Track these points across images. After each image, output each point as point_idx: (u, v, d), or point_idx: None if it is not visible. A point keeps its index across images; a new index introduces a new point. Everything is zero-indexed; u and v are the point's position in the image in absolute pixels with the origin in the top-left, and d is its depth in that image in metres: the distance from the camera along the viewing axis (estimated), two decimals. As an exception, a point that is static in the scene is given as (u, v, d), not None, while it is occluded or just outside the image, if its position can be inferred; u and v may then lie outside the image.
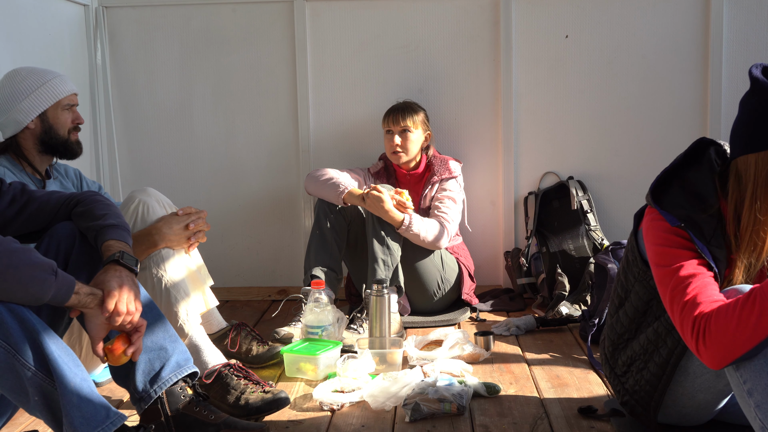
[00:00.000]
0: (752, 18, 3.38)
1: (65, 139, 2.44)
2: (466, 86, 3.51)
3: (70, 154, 2.48)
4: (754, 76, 1.63)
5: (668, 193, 1.73)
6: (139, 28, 3.57)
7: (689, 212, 1.67)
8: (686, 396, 1.80)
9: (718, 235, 1.66)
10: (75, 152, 2.49)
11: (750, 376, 1.53)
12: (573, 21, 3.45)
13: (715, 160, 1.73)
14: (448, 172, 3.21)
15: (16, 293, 1.61)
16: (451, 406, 2.10)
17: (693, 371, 1.76)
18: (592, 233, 3.35)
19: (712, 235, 1.65)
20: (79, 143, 2.51)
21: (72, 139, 2.47)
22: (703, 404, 1.80)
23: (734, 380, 1.58)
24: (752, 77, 1.63)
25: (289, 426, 2.10)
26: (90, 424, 1.63)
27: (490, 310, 3.28)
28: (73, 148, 2.48)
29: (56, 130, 2.42)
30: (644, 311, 1.86)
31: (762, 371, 1.51)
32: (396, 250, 2.99)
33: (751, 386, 1.53)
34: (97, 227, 1.86)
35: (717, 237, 1.66)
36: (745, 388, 1.55)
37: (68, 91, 2.44)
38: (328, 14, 3.51)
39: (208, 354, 2.28)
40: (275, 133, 3.60)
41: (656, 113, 3.46)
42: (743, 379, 1.54)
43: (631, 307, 1.88)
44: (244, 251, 3.67)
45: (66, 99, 2.44)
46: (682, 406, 1.83)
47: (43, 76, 2.41)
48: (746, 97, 1.66)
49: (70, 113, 2.46)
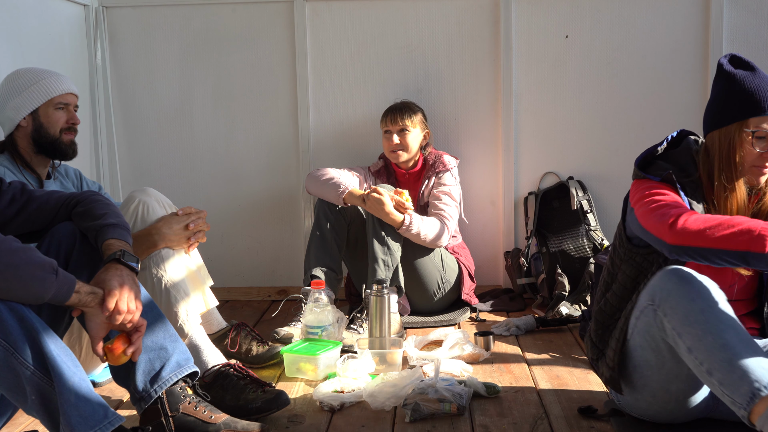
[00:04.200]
0: (752, 18, 3.38)
1: (56, 139, 2.39)
2: (466, 86, 3.51)
3: (60, 154, 2.42)
4: (720, 62, 1.91)
5: (652, 166, 1.94)
6: (139, 28, 3.57)
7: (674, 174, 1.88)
8: (661, 390, 1.86)
9: (698, 196, 1.88)
10: (66, 153, 2.43)
11: (705, 357, 1.64)
12: (573, 21, 3.45)
13: (692, 142, 1.99)
14: (442, 165, 3.21)
15: (17, 292, 1.61)
16: (451, 406, 2.10)
17: (656, 362, 1.83)
18: (592, 233, 3.35)
19: (693, 194, 1.87)
20: (72, 145, 2.44)
21: (64, 139, 2.41)
22: (680, 395, 1.85)
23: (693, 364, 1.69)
24: (719, 64, 1.91)
25: (289, 426, 2.10)
26: (87, 423, 1.63)
27: (490, 310, 3.28)
28: (63, 148, 2.41)
29: (47, 128, 2.38)
30: (632, 288, 1.95)
31: (714, 350, 1.63)
32: (396, 250, 3.00)
33: (709, 366, 1.63)
34: (97, 227, 1.86)
35: (697, 197, 1.88)
36: (704, 368, 1.65)
37: (62, 90, 2.41)
38: (328, 14, 3.51)
39: (208, 354, 2.28)
40: (275, 133, 3.60)
41: (656, 113, 3.46)
42: (699, 360, 1.66)
43: (619, 287, 1.98)
44: (244, 251, 3.67)
45: (59, 98, 2.40)
46: (665, 402, 1.87)
47: (38, 74, 2.40)
48: (714, 80, 1.93)
49: (64, 113, 2.42)
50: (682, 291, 1.72)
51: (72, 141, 2.45)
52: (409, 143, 3.19)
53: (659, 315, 1.76)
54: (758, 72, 1.87)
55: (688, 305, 1.70)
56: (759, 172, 1.86)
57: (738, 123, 1.84)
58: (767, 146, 1.83)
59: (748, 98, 1.83)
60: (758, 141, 1.83)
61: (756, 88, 1.83)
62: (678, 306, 1.72)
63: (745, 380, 1.57)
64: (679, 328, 1.71)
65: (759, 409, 1.54)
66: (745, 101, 1.84)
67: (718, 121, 1.88)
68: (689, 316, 1.69)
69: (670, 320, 1.73)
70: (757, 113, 1.82)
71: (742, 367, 1.58)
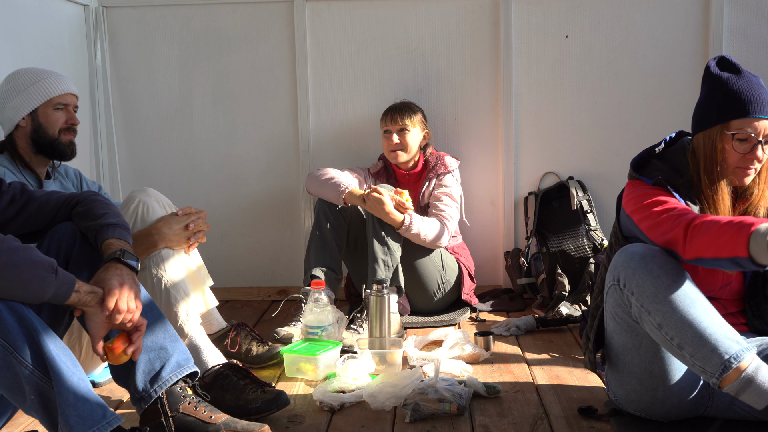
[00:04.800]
0: (752, 18, 3.38)
1: (54, 139, 2.39)
2: (466, 86, 3.51)
3: (58, 154, 2.42)
4: (707, 65, 1.93)
5: (647, 167, 1.98)
6: (139, 28, 3.57)
7: (667, 177, 1.92)
8: (645, 373, 1.89)
9: (693, 196, 1.91)
10: (64, 154, 2.42)
11: (675, 332, 1.74)
12: (573, 21, 3.45)
13: (687, 142, 2.01)
14: (444, 167, 3.21)
15: (17, 291, 1.61)
16: (451, 406, 2.10)
17: (633, 344, 1.88)
18: (592, 233, 3.35)
19: (687, 195, 1.90)
20: (71, 145, 2.43)
21: (62, 139, 2.41)
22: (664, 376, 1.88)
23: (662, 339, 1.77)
24: (706, 66, 1.94)
25: (289, 426, 2.09)
26: (86, 423, 1.63)
27: (490, 311, 3.28)
28: (61, 149, 2.41)
29: (46, 129, 2.38)
30: None
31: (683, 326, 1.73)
32: (396, 251, 2.99)
33: (680, 341, 1.73)
34: (97, 226, 1.86)
35: (691, 197, 1.91)
36: (674, 343, 1.75)
37: (61, 91, 2.40)
38: (328, 14, 3.51)
39: (207, 354, 2.28)
40: (275, 133, 3.60)
41: (656, 113, 3.46)
42: (669, 336, 1.75)
43: None
44: (244, 251, 3.66)
45: (58, 98, 2.40)
46: (653, 389, 1.90)
47: (38, 75, 2.39)
48: (701, 83, 1.96)
49: (63, 113, 2.41)
50: (646, 269, 1.76)
51: (71, 141, 2.44)
52: (409, 143, 3.19)
53: (626, 294, 1.80)
54: (744, 75, 1.89)
55: (655, 282, 1.75)
56: (743, 173, 1.89)
57: (720, 125, 1.87)
58: (749, 148, 1.85)
59: (730, 101, 1.86)
60: (740, 143, 1.85)
61: (739, 90, 1.85)
62: (644, 284, 1.76)
63: (716, 353, 1.70)
64: (648, 305, 1.76)
65: (731, 377, 1.70)
66: (727, 104, 1.86)
67: (702, 122, 1.92)
68: (657, 293, 1.75)
69: (637, 298, 1.78)
70: (738, 116, 1.84)
71: (712, 341, 1.71)
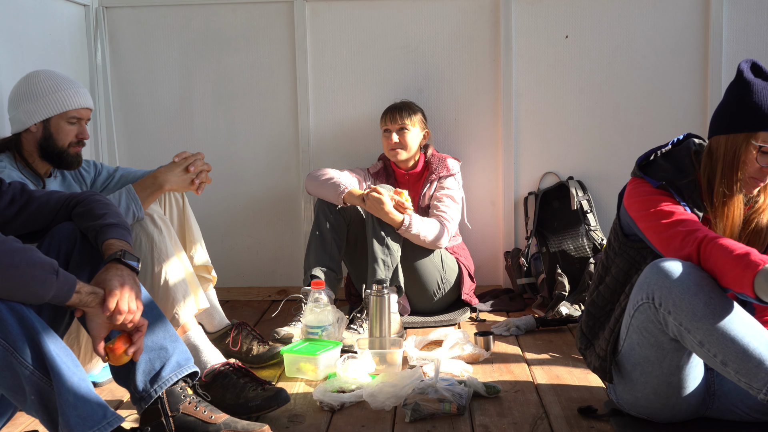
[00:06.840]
0: (752, 18, 3.38)
1: (63, 150, 2.38)
2: (466, 86, 3.51)
3: (65, 164, 2.41)
4: (740, 68, 1.89)
5: (652, 166, 1.97)
6: (139, 28, 3.57)
7: (670, 178, 1.91)
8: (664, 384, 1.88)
9: (696, 198, 1.90)
10: (71, 164, 2.42)
11: (718, 349, 1.71)
12: (573, 21, 3.45)
13: (693, 143, 2.01)
14: (446, 170, 3.21)
15: (17, 292, 1.61)
16: (451, 406, 2.10)
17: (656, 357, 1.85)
18: (592, 233, 3.35)
19: (690, 198, 1.89)
20: (78, 156, 2.43)
21: (71, 151, 2.40)
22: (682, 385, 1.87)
23: (706, 356, 1.74)
24: (739, 69, 1.89)
25: (289, 426, 2.10)
26: (86, 423, 1.63)
27: (490, 310, 3.28)
28: (69, 159, 2.40)
29: (56, 140, 2.36)
30: (624, 282, 1.99)
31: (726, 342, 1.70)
32: (396, 251, 3.00)
33: (724, 357, 1.71)
34: (98, 227, 1.87)
35: (695, 200, 1.90)
36: (718, 360, 1.72)
37: (79, 105, 2.38)
38: (328, 14, 3.51)
39: (207, 354, 2.28)
40: (275, 133, 3.60)
41: (656, 113, 3.46)
42: (713, 353, 1.72)
43: (612, 280, 2.02)
44: (244, 251, 3.67)
45: (74, 112, 2.38)
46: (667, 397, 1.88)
47: (58, 84, 2.36)
48: (731, 85, 1.90)
49: (76, 127, 2.39)
50: (682, 287, 1.73)
51: (78, 153, 2.44)
52: (409, 142, 3.19)
53: (662, 312, 1.77)
54: None
55: (692, 300, 1.72)
56: (755, 183, 1.88)
57: (746, 134, 1.84)
58: None
59: (761, 111, 1.82)
60: (762, 156, 1.83)
61: None
62: (682, 302, 1.73)
63: (762, 368, 1.68)
64: (687, 324, 1.73)
65: None
66: (757, 114, 1.83)
67: (728, 126, 1.87)
68: (696, 311, 1.72)
69: (675, 317, 1.74)
70: (767, 128, 1.82)
71: (756, 356, 1.68)
